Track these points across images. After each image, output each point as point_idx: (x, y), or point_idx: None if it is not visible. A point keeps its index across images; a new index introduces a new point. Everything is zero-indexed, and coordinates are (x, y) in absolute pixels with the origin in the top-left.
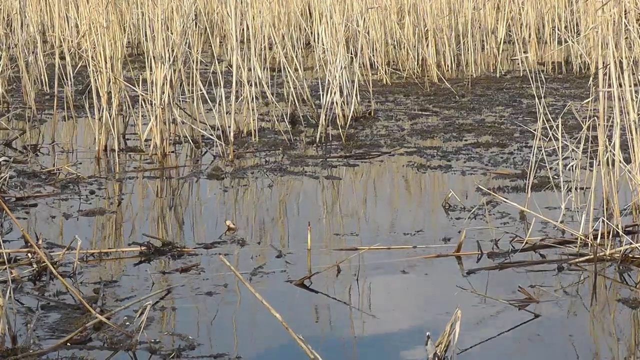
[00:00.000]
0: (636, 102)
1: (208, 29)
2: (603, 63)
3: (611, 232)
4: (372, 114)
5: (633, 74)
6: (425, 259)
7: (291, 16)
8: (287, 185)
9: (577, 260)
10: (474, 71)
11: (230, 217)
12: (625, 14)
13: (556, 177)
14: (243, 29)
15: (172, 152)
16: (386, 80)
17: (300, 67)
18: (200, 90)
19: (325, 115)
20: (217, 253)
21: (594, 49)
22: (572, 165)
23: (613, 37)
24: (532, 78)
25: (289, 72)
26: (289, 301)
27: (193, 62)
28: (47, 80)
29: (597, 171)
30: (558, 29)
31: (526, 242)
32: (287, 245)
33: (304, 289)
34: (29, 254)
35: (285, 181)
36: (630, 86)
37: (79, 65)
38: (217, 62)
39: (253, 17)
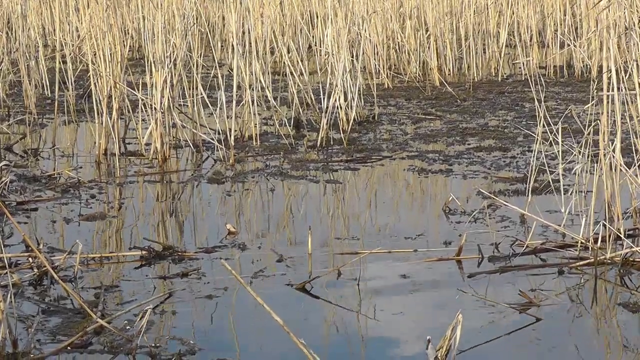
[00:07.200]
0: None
1: (209, 32)
2: (606, 66)
3: (612, 236)
4: (376, 117)
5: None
6: (426, 263)
7: (295, 21)
8: (288, 189)
9: (577, 263)
10: (475, 75)
11: (231, 221)
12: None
13: (557, 181)
14: (244, 33)
15: (173, 156)
16: (388, 84)
17: (305, 71)
18: (201, 94)
19: (327, 119)
20: (217, 257)
21: (595, 52)
22: (574, 170)
23: (615, 41)
24: (533, 82)
25: (292, 76)
26: (289, 305)
27: (194, 65)
28: (48, 84)
29: (599, 175)
30: (560, 33)
31: (527, 246)
32: (287, 249)
33: (304, 293)
34: (30, 259)
35: (286, 185)
36: (633, 89)
37: (80, 70)
38: (217, 66)
39: (254, 21)
